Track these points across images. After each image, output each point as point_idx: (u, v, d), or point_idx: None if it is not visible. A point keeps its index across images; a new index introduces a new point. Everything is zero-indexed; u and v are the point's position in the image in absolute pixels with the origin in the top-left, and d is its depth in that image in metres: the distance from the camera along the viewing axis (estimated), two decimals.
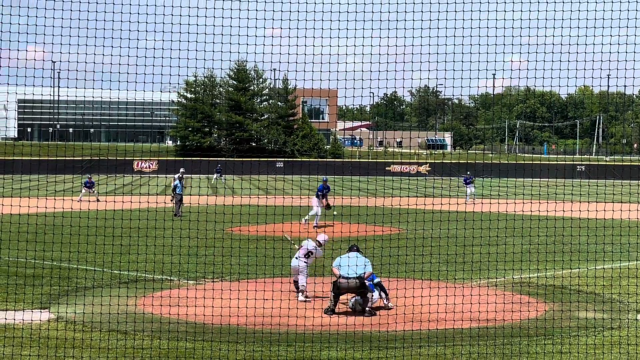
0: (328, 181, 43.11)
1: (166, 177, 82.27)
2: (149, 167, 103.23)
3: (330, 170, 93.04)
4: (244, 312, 18.13)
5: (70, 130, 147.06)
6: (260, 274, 24.14)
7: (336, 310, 20.18)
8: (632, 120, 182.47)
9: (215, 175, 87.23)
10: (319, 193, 39.25)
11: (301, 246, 21.89)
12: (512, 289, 23.77)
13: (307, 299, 21.34)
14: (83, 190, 58.44)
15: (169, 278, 24.10)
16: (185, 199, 45.95)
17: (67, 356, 15.77)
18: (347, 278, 20.41)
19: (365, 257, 20.90)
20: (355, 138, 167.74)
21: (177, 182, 45.46)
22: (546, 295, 22.80)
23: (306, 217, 38.03)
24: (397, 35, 18.80)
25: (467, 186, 60.03)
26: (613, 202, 29.09)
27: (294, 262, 21.69)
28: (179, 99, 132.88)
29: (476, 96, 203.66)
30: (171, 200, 44.70)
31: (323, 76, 19.63)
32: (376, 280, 21.03)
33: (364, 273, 20.57)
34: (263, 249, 23.56)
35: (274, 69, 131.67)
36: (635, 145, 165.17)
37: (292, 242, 22.75)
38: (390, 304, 21.17)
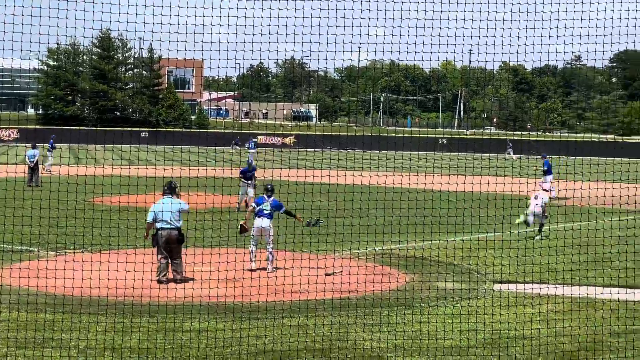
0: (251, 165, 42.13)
1: (25, 146, 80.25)
2: (9, 136, 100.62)
3: (195, 141, 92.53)
4: (106, 283, 17.92)
5: None
6: (122, 245, 23.86)
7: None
8: (492, 95, 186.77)
9: (234, 147, 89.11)
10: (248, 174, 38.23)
11: None
12: (374, 260, 24.15)
13: None
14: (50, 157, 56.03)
15: (28, 249, 23.63)
16: (54, 169, 45.12)
17: None
18: (169, 229, 20.45)
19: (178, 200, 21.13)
20: (221, 109, 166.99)
21: (29, 151, 45.10)
22: (407, 267, 23.25)
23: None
24: (254, 6, 18.69)
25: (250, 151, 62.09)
26: (473, 175, 29.73)
27: None
28: (41, 67, 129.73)
29: (342, 69, 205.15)
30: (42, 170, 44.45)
31: (189, 46, 19.45)
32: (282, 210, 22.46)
33: (180, 222, 20.73)
34: (125, 220, 23.29)
35: (140, 38, 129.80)
36: (494, 120, 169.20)
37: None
38: (271, 268, 21.66)
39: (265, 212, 22.72)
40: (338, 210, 25.98)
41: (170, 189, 21.02)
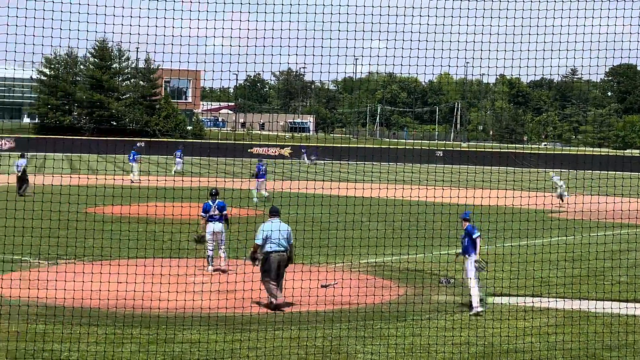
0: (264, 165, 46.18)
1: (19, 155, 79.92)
2: (4, 145, 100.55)
3: (189, 151, 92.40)
4: (99, 294, 17.87)
5: None
6: (116, 255, 23.81)
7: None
8: (489, 108, 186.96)
9: (308, 159, 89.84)
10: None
11: None
12: (369, 272, 24.08)
13: None
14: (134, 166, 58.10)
15: (22, 259, 23.56)
16: (48, 179, 45.01)
17: None
18: (281, 252, 19.47)
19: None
20: (217, 119, 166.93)
21: (19, 161, 45.25)
22: (401, 280, 23.20)
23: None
24: (257, 18, 18.74)
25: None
26: (477, 189, 29.78)
27: None
28: (37, 76, 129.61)
29: (339, 80, 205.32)
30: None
31: (187, 57, 19.45)
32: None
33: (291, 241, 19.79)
34: (118, 230, 23.27)
35: (137, 49, 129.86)
36: (491, 132, 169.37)
37: None
38: (225, 267, 22.68)
39: (215, 216, 23.54)
40: (332, 222, 25.92)
41: (278, 210, 20.33)
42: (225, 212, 23.86)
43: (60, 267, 22.31)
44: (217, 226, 23.57)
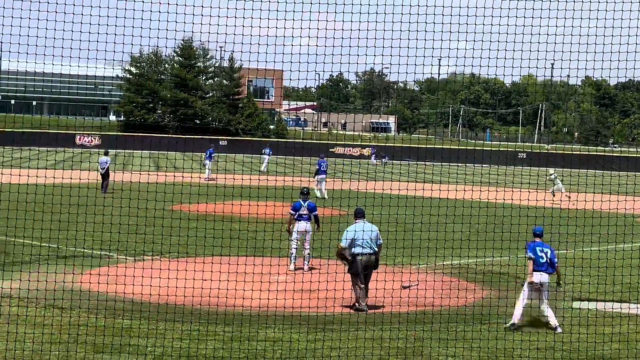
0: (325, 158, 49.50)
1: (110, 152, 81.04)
2: (91, 142, 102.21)
3: (274, 150, 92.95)
4: (183, 290, 18.05)
5: (12, 101, 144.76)
6: (200, 253, 24.05)
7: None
8: (574, 110, 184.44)
9: (376, 160, 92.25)
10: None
11: None
12: (452, 274, 23.91)
13: None
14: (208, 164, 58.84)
15: (108, 254, 23.91)
16: (135, 176, 45.65)
17: (1, 331, 15.59)
18: (367, 254, 19.21)
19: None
20: (299, 119, 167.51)
21: (102, 158, 45.85)
22: (488, 282, 22.97)
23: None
24: (343, 19, 18.75)
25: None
26: (563, 192, 29.31)
27: None
28: (123, 74, 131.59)
29: (421, 81, 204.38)
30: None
31: (270, 57, 19.53)
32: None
33: (379, 242, 19.45)
34: (203, 229, 23.44)
35: (221, 48, 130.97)
36: (576, 134, 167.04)
37: None
38: (307, 267, 22.89)
39: (304, 215, 23.67)
40: (415, 224, 25.74)
41: (364, 212, 20.10)
42: (315, 213, 23.90)
43: (145, 263, 22.56)
44: (305, 225, 23.64)
